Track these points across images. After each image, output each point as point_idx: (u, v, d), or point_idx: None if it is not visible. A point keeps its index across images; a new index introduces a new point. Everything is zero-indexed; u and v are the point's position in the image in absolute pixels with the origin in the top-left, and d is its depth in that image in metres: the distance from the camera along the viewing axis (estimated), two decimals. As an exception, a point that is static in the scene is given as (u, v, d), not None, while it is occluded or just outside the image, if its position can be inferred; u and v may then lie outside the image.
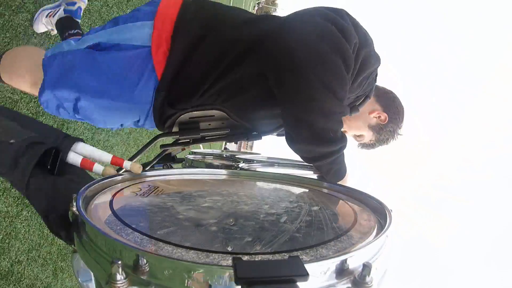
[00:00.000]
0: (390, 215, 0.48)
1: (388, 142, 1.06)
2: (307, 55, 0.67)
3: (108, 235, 0.33)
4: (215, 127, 0.86)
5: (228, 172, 0.82)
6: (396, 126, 1.03)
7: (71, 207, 0.40)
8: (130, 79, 0.77)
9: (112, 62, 0.77)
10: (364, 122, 1.02)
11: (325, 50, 0.67)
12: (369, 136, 1.05)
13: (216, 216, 0.47)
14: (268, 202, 0.58)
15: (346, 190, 0.70)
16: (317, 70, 0.67)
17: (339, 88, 0.69)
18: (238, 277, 0.25)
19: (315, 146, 0.72)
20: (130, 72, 0.77)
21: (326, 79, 0.67)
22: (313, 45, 0.67)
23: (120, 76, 0.77)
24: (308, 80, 0.66)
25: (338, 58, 0.68)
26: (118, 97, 0.79)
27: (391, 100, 1.04)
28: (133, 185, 0.61)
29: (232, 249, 0.37)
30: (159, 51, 0.76)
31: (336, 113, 0.71)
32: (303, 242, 0.40)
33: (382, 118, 1.01)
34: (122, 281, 0.28)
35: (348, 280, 0.32)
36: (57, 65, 0.80)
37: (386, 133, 1.03)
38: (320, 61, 0.67)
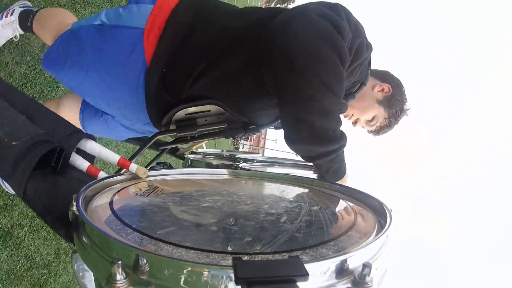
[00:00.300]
0: (390, 215, 0.48)
1: (401, 114, 1.04)
2: (306, 55, 0.67)
3: (108, 235, 0.33)
4: (212, 122, 0.86)
5: (228, 172, 0.82)
6: (402, 95, 1.03)
7: (71, 207, 0.40)
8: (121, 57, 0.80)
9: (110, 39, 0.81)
10: (371, 99, 1.01)
11: (323, 49, 0.67)
12: (382, 114, 1.03)
13: (216, 216, 0.47)
14: (268, 202, 0.58)
15: (346, 190, 0.70)
16: (317, 69, 0.67)
17: (338, 86, 0.69)
18: (238, 277, 0.25)
19: (315, 145, 0.72)
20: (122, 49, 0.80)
21: (326, 78, 0.67)
22: (311, 44, 0.67)
23: (115, 53, 0.80)
24: (308, 80, 0.66)
25: (335, 56, 0.68)
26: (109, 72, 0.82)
27: (385, 73, 1.05)
28: (133, 185, 0.61)
29: (232, 249, 0.37)
30: (150, 34, 0.79)
31: (335, 111, 0.71)
32: (303, 242, 0.40)
33: (386, 90, 1.01)
34: (122, 281, 0.28)
35: (348, 280, 0.32)
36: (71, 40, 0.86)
37: (395, 104, 1.02)
38: (319, 60, 0.67)
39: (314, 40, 0.67)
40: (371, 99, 1.01)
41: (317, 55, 0.67)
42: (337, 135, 0.73)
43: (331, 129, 0.71)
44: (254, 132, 0.89)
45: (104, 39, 0.82)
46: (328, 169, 0.78)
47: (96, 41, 0.82)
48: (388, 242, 0.41)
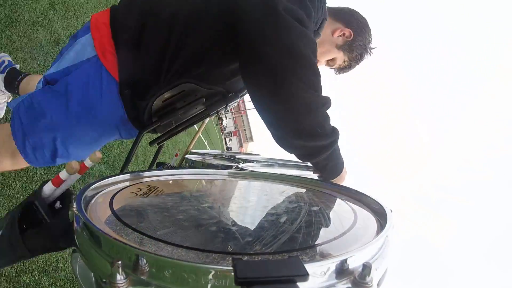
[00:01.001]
0: (390, 215, 0.48)
1: (362, 57, 1.04)
2: (285, 58, 0.65)
3: (108, 235, 0.34)
4: (190, 101, 0.84)
5: (228, 172, 0.82)
6: (365, 39, 1.01)
7: (71, 207, 0.40)
8: (93, 93, 0.77)
9: (69, 86, 0.78)
10: (330, 44, 1.00)
11: (298, 49, 0.66)
12: (341, 57, 1.02)
13: (216, 216, 0.47)
14: (268, 202, 0.58)
15: (346, 190, 0.70)
16: (297, 72, 0.66)
17: (318, 82, 0.69)
18: (238, 277, 0.25)
19: (304, 141, 0.71)
20: (89, 86, 0.77)
21: (306, 78, 0.66)
22: (287, 47, 0.66)
23: (83, 95, 0.78)
24: (291, 83, 0.65)
25: (309, 53, 0.67)
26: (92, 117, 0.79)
27: (350, 14, 1.01)
28: (133, 186, 0.61)
29: (232, 249, 0.37)
30: (106, 54, 0.77)
31: (320, 108, 0.70)
32: (303, 242, 0.40)
33: (347, 35, 0.99)
34: (122, 281, 0.28)
35: (348, 280, 0.32)
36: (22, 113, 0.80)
37: (357, 48, 1.01)
38: (297, 62, 0.66)
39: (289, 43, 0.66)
40: (331, 44, 0.99)
41: (295, 58, 0.66)
42: (325, 131, 0.72)
43: (317, 126, 0.70)
44: (234, 99, 0.88)
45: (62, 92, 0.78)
46: (325, 166, 0.78)
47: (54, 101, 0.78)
48: (388, 242, 0.41)
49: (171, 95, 0.81)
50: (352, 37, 0.99)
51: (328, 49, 1.01)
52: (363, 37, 1.01)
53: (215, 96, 0.86)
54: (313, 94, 0.68)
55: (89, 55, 0.78)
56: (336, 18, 1.00)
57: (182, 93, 0.82)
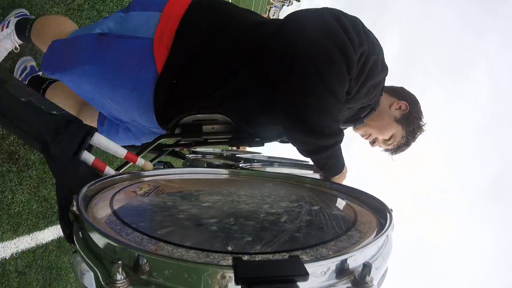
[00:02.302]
0: (391, 215, 0.48)
1: (419, 131, 1.03)
2: (311, 50, 0.67)
3: (108, 235, 0.33)
4: (218, 130, 0.87)
5: (229, 171, 0.82)
6: (418, 111, 1.01)
7: (71, 207, 0.40)
8: (130, 68, 0.78)
9: (116, 51, 0.78)
10: (389, 117, 1.00)
11: (330, 48, 0.67)
12: (400, 132, 1.02)
13: (216, 216, 0.47)
14: (268, 202, 0.58)
15: (347, 190, 0.70)
16: (319, 66, 0.66)
17: (338, 88, 0.69)
18: (238, 277, 0.25)
19: (310, 138, 0.72)
20: (130, 61, 0.77)
21: (326, 76, 0.67)
22: (318, 41, 0.67)
23: (121, 65, 0.78)
24: (308, 75, 0.66)
25: (341, 59, 0.67)
26: (118, 84, 0.80)
27: (400, 89, 1.03)
28: (133, 185, 0.61)
29: (232, 248, 0.37)
30: (160, 45, 0.76)
31: (332, 113, 0.71)
32: (303, 242, 0.40)
33: (403, 108, 0.99)
34: (122, 281, 0.28)
35: (348, 280, 0.32)
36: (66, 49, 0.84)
37: (413, 121, 1.01)
38: (323, 58, 0.67)
39: (321, 38, 0.67)
40: (389, 117, 1.00)
41: (322, 53, 0.67)
42: (332, 132, 0.73)
43: (326, 127, 0.71)
44: (259, 144, 0.89)
45: (107, 50, 0.79)
46: (325, 164, 0.78)
47: (98, 52, 0.79)
48: (388, 242, 0.41)
49: (203, 119, 0.82)
50: (409, 110, 1.00)
51: (387, 122, 1.00)
52: (417, 109, 1.01)
53: (242, 134, 0.86)
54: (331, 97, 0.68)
55: (146, 34, 0.78)
56: (389, 93, 1.01)
57: (214, 121, 0.83)
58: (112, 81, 0.80)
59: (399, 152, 1.07)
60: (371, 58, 0.73)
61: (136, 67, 0.77)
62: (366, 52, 0.72)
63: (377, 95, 0.87)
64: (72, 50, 0.83)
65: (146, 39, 0.77)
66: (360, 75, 0.73)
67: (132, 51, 0.78)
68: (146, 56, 0.77)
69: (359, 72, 0.72)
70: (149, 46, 0.76)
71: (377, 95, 0.87)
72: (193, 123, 0.83)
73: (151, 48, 0.76)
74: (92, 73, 0.80)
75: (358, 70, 0.71)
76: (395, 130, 1.01)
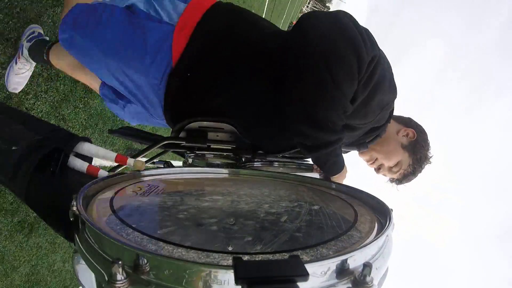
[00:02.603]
0: (391, 215, 0.48)
1: (426, 161, 1.02)
2: (324, 44, 0.67)
3: (108, 235, 0.33)
4: (222, 139, 0.87)
5: (228, 171, 0.82)
6: (426, 141, 1.01)
7: (72, 207, 0.40)
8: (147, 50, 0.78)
9: (138, 28, 0.78)
10: (396, 143, 0.99)
11: (343, 44, 0.67)
12: (406, 160, 1.00)
13: (217, 216, 0.47)
14: (269, 202, 0.58)
15: (347, 189, 0.70)
16: (330, 61, 0.66)
17: (347, 85, 0.68)
18: (238, 277, 0.25)
19: (313, 131, 0.72)
20: (149, 42, 0.78)
21: (336, 71, 0.67)
22: (331, 36, 0.67)
23: (139, 44, 0.78)
24: (319, 68, 0.66)
25: (353, 57, 0.67)
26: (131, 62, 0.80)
27: (408, 119, 1.03)
28: (133, 185, 0.61)
29: (232, 248, 0.37)
30: (181, 33, 0.77)
31: (338, 108, 0.70)
32: (304, 242, 0.40)
33: (411, 135, 0.99)
34: (122, 281, 0.28)
35: (348, 280, 0.32)
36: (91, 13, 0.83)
37: (420, 149, 0.99)
38: (334, 53, 0.67)
39: (336, 35, 0.67)
40: (396, 143, 0.98)
41: (335, 48, 0.67)
42: (336, 128, 0.72)
43: (330, 121, 0.71)
44: (262, 157, 0.89)
45: (130, 26, 0.79)
46: (325, 163, 0.78)
47: (121, 26, 0.79)
48: (388, 242, 0.41)
49: (209, 126, 0.82)
50: (416, 138, 0.99)
51: (394, 147, 0.99)
52: (424, 138, 1.01)
53: (246, 144, 0.87)
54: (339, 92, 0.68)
55: (171, 20, 0.79)
56: (397, 120, 1.01)
57: (220, 129, 0.83)
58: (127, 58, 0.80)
59: (404, 182, 1.05)
60: (380, 66, 0.72)
61: (153, 50, 0.78)
62: (377, 58, 0.71)
63: (385, 118, 0.87)
64: (95, 16, 0.82)
65: (169, 25, 0.78)
66: (368, 82, 0.72)
67: (154, 32, 0.78)
68: (165, 41, 0.77)
69: (368, 78, 0.71)
70: (170, 33, 0.77)
71: (384, 119, 0.87)
72: (199, 129, 0.84)
73: (171, 35, 0.77)
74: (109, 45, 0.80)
75: (367, 76, 0.71)
76: (401, 157, 1.00)
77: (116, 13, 0.81)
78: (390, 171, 1.03)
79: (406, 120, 1.03)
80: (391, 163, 1.01)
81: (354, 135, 0.88)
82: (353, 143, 0.94)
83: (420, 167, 1.02)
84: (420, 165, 1.01)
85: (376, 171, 1.07)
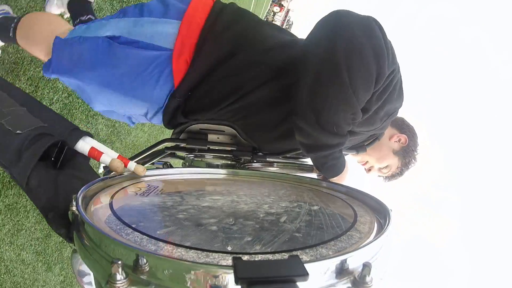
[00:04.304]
0: (390, 215, 0.48)
1: (413, 163, 1.06)
2: (352, 45, 0.64)
3: (108, 235, 0.33)
4: (223, 141, 0.87)
5: (228, 171, 0.82)
6: (415, 144, 1.04)
7: (71, 207, 0.40)
8: (146, 80, 0.75)
9: (130, 58, 0.75)
10: (388, 149, 1.02)
11: (369, 52, 0.64)
12: (395, 164, 1.04)
13: (216, 216, 0.47)
14: (268, 202, 0.58)
15: (346, 190, 0.70)
16: (352, 62, 0.64)
17: (362, 91, 0.66)
18: (238, 277, 0.25)
19: (316, 131, 0.70)
20: (146, 72, 0.75)
21: (355, 74, 0.64)
22: (360, 41, 0.64)
23: (135, 74, 0.75)
24: (339, 65, 0.64)
25: (375, 67, 0.65)
26: (130, 92, 0.77)
27: (401, 121, 1.05)
28: (133, 185, 0.61)
29: (232, 248, 0.37)
30: (180, 58, 0.74)
31: (347, 113, 0.68)
32: (303, 242, 0.40)
33: (403, 141, 1.01)
34: (122, 281, 0.28)
35: (348, 280, 0.32)
36: (70, 52, 0.78)
37: (409, 154, 1.03)
38: (360, 57, 0.64)
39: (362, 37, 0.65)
40: (388, 148, 1.02)
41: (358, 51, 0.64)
42: (340, 133, 0.71)
43: (335, 125, 0.69)
44: (262, 159, 0.90)
45: (121, 57, 0.74)
46: (323, 164, 0.77)
47: (112, 58, 0.75)
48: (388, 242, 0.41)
49: (210, 128, 0.83)
50: (407, 144, 1.02)
51: (386, 153, 1.02)
52: (415, 142, 1.03)
53: (246, 147, 0.87)
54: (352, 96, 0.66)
55: (165, 44, 0.74)
56: (390, 123, 1.01)
57: (221, 131, 0.83)
58: (124, 90, 0.77)
59: (392, 180, 1.11)
60: (396, 78, 0.72)
61: (153, 79, 0.75)
62: (395, 71, 0.70)
63: (387, 125, 0.87)
64: (79, 52, 0.77)
65: (165, 50, 0.74)
66: (383, 94, 0.71)
67: (150, 61, 0.74)
68: (164, 69, 0.74)
69: (383, 90, 0.70)
70: (168, 59, 0.74)
71: (387, 126, 0.87)
72: (199, 131, 0.84)
73: (170, 61, 0.74)
74: (103, 79, 0.77)
75: (383, 88, 0.70)
76: (391, 162, 1.04)
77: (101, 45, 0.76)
78: (379, 172, 1.08)
79: (399, 123, 1.04)
80: (381, 166, 1.05)
81: (355, 139, 0.89)
82: (353, 147, 0.95)
83: (407, 168, 1.07)
84: (407, 167, 1.06)
85: (366, 171, 1.11)
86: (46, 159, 0.52)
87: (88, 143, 0.58)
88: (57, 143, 0.52)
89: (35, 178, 0.49)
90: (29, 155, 0.48)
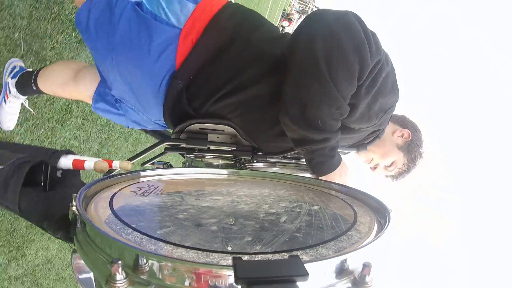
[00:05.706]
0: (390, 215, 0.48)
1: (419, 157, 1.05)
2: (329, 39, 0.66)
3: (108, 235, 0.33)
4: (222, 141, 0.87)
5: (228, 171, 0.82)
6: (419, 140, 1.03)
7: (71, 207, 0.40)
8: (152, 51, 0.77)
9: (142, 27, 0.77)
10: (391, 144, 1.02)
11: (346, 44, 0.65)
12: (401, 159, 1.03)
13: (216, 216, 0.47)
14: (268, 202, 0.58)
15: (346, 190, 0.70)
16: (331, 56, 0.65)
17: (344, 84, 0.67)
18: (238, 277, 0.25)
19: (297, 125, 0.71)
20: (155, 43, 0.76)
21: (335, 68, 0.65)
22: (337, 34, 0.66)
23: (147, 44, 0.77)
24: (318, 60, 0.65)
25: (355, 59, 0.66)
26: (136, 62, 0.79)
27: (403, 117, 1.05)
28: (133, 185, 0.61)
29: (232, 248, 0.37)
30: (187, 37, 0.76)
31: (331, 107, 0.69)
32: (303, 242, 0.40)
33: (406, 135, 1.01)
34: (122, 281, 0.28)
35: (348, 280, 0.32)
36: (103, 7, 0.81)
37: (414, 149, 1.02)
38: (337, 50, 0.65)
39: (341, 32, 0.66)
40: (391, 144, 1.02)
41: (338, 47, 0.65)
42: (325, 128, 0.71)
43: (320, 120, 0.70)
44: (262, 158, 0.90)
45: (138, 24, 0.77)
46: (310, 160, 0.77)
47: (129, 22, 0.78)
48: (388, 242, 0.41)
49: (210, 128, 0.83)
50: (411, 138, 1.01)
51: (390, 148, 1.02)
52: (419, 138, 1.03)
53: (246, 146, 0.87)
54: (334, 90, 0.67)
55: (177, 23, 0.77)
56: (392, 120, 1.02)
57: (221, 131, 0.83)
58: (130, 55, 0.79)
59: (400, 178, 1.09)
60: (384, 70, 0.72)
61: (157, 51, 0.77)
62: (381, 63, 0.70)
63: (387, 121, 0.87)
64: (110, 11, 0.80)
65: (176, 28, 0.77)
66: (372, 86, 0.71)
67: (160, 34, 0.77)
68: (170, 44, 0.76)
69: (371, 82, 0.70)
70: (176, 36, 0.76)
71: (386, 121, 0.87)
72: (199, 130, 0.84)
73: (177, 38, 0.76)
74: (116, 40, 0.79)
75: (370, 80, 0.70)
76: (396, 157, 1.03)
77: (128, 9, 0.79)
78: (386, 170, 1.06)
79: (401, 119, 1.04)
80: (386, 163, 1.04)
81: (355, 137, 0.88)
82: (353, 145, 0.95)
83: (414, 165, 1.05)
84: (414, 163, 1.05)
85: (372, 169, 1.10)
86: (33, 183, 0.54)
87: (69, 158, 0.61)
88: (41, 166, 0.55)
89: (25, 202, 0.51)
90: (14, 181, 0.51)
